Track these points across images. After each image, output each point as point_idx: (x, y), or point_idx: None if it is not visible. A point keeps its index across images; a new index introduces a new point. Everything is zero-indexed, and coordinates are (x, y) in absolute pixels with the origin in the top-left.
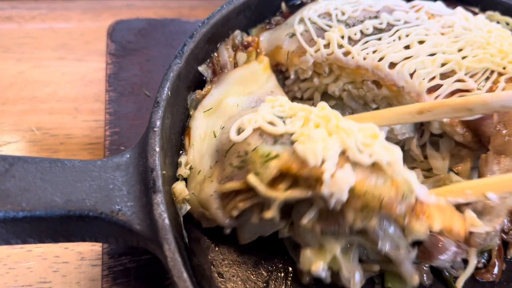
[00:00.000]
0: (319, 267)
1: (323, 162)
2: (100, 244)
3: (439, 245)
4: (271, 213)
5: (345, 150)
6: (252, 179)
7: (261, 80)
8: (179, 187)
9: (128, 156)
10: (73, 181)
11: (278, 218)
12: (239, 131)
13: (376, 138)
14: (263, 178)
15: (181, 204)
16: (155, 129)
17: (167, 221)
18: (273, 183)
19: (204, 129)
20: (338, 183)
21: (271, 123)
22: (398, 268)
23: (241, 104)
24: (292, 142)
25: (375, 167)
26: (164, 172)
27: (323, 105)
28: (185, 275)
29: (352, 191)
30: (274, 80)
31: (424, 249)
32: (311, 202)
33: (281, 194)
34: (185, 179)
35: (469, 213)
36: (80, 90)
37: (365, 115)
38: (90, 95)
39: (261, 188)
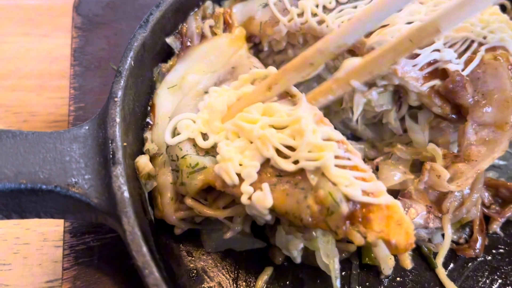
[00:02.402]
0: (296, 246)
1: (242, 181)
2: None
3: (409, 208)
4: (230, 233)
5: (269, 158)
6: (188, 201)
7: (226, 55)
8: (143, 161)
9: (87, 127)
10: (25, 152)
11: (248, 231)
12: (175, 132)
13: (302, 136)
14: (188, 190)
15: (145, 180)
16: (116, 99)
17: (126, 194)
18: (214, 199)
19: (169, 107)
20: (255, 206)
21: (205, 135)
22: (374, 250)
23: (203, 82)
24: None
25: (301, 173)
26: (125, 144)
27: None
28: (144, 249)
29: (273, 211)
30: (241, 52)
31: None
32: None
33: (221, 213)
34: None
35: (437, 166)
36: (45, 66)
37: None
38: (55, 71)
39: (201, 210)
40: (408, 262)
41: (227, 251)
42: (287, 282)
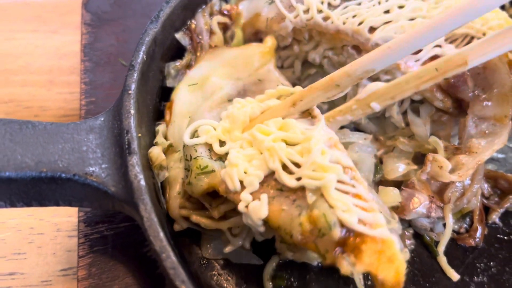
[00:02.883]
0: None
1: (244, 188)
2: (76, 215)
3: (412, 198)
4: (229, 248)
5: (274, 171)
6: (193, 217)
7: (254, 66)
8: (156, 151)
9: (102, 119)
10: (44, 142)
11: (248, 247)
12: (194, 134)
13: (308, 154)
14: (194, 190)
15: (158, 170)
16: (130, 92)
17: (143, 182)
18: (218, 204)
19: (186, 106)
20: (250, 215)
21: (222, 142)
22: None
23: (226, 88)
24: None
25: (302, 191)
26: (140, 135)
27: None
28: (161, 234)
29: (266, 224)
30: (270, 67)
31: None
32: None
33: (223, 224)
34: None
35: (439, 157)
36: (55, 62)
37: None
38: (65, 67)
39: (206, 223)
40: None
41: None
42: (294, 269)
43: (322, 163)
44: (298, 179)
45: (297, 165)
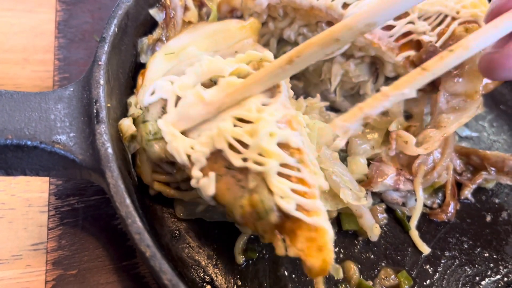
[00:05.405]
0: None
1: (193, 163)
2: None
3: (379, 171)
4: (201, 207)
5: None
6: (156, 185)
7: (233, 39)
8: (126, 123)
9: (71, 89)
10: (10, 110)
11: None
12: (153, 93)
13: (255, 136)
14: (149, 156)
15: (128, 142)
16: (100, 63)
17: (110, 150)
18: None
19: (160, 73)
20: (201, 190)
21: (179, 98)
22: (359, 221)
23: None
24: None
25: (247, 172)
26: (109, 105)
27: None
28: (127, 201)
29: (215, 199)
30: (248, 40)
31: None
32: None
33: (186, 195)
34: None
35: (402, 132)
36: (30, 41)
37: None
38: (40, 46)
39: (168, 193)
40: None
41: None
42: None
43: (266, 147)
44: (244, 159)
45: (246, 145)
